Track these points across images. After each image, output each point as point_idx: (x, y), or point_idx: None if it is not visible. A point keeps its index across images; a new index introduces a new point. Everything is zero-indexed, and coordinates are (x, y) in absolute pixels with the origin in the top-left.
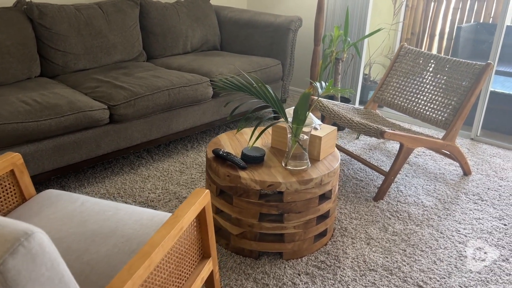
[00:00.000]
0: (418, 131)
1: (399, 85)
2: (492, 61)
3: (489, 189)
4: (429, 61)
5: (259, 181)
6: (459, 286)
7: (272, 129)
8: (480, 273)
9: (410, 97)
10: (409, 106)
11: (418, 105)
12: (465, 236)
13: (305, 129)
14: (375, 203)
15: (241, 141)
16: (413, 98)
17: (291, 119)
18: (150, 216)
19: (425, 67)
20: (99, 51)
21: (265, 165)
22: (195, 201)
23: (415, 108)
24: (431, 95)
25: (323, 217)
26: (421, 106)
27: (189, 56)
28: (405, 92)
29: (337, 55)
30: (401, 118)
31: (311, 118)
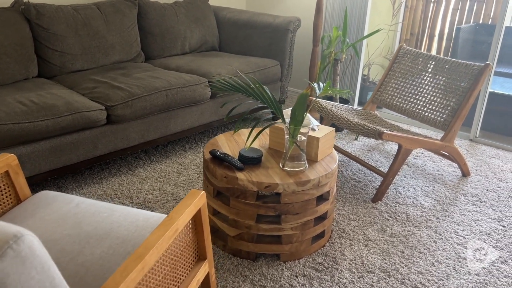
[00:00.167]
0: (416, 132)
1: (397, 86)
2: (491, 62)
3: (488, 190)
4: (427, 62)
5: (256, 182)
6: None
7: (269, 130)
8: (478, 275)
9: (408, 98)
10: (408, 107)
11: (416, 106)
12: (464, 237)
13: (302, 130)
14: (373, 205)
15: (238, 142)
16: (412, 99)
17: (288, 120)
18: (145, 217)
19: (424, 68)
20: (97, 51)
21: (263, 166)
22: (190, 203)
23: (414, 109)
24: (429, 96)
25: (320, 219)
26: (419, 107)
27: (188, 56)
28: (404, 93)
29: (336, 56)
30: (400, 119)
31: (309, 119)
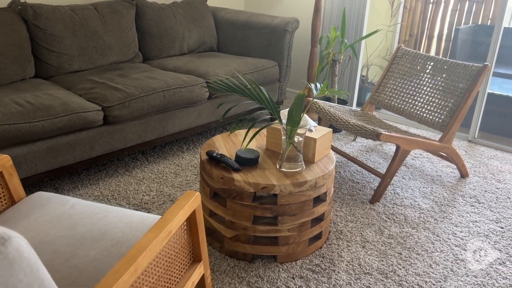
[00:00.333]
0: (415, 133)
1: (396, 87)
2: (489, 62)
3: (486, 191)
4: (426, 62)
5: (252, 184)
6: None
7: (267, 131)
8: (476, 277)
9: (407, 99)
10: (406, 108)
11: (415, 107)
12: (462, 239)
13: (299, 131)
14: (371, 206)
15: (235, 143)
16: (410, 100)
17: (285, 121)
18: (140, 219)
19: (422, 69)
20: (94, 52)
21: (259, 167)
22: (185, 204)
23: (412, 110)
24: (428, 97)
25: (318, 220)
26: (418, 108)
27: (186, 57)
28: (402, 93)
29: (334, 57)
30: (398, 120)
31: (306, 119)
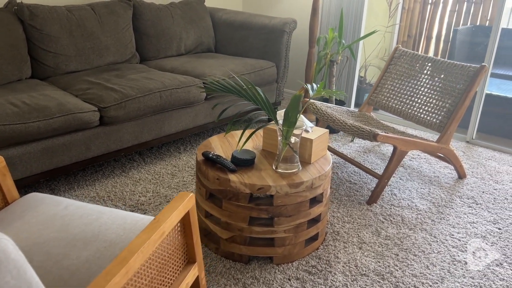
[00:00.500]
0: (412, 134)
1: (393, 88)
2: (487, 63)
3: (484, 192)
4: (423, 63)
5: (248, 184)
6: None
7: (263, 132)
8: (473, 278)
9: (404, 100)
10: (404, 108)
11: (412, 107)
12: (459, 240)
13: (295, 131)
14: (368, 207)
15: (232, 143)
16: (408, 100)
17: (281, 122)
18: (134, 220)
19: (420, 70)
20: (91, 52)
21: (256, 168)
22: (178, 205)
23: (410, 110)
24: (425, 98)
25: (314, 221)
26: (415, 108)
27: (183, 58)
28: (400, 94)
29: (332, 58)
30: (396, 121)
31: (302, 120)
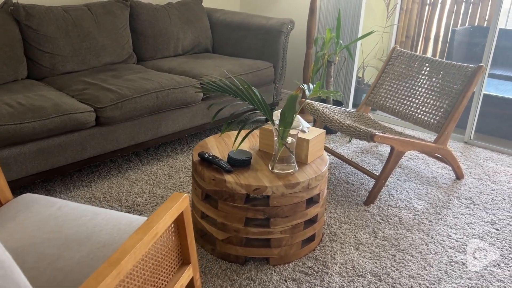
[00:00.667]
0: (410, 134)
1: (391, 88)
2: (485, 63)
3: (481, 193)
4: (421, 63)
5: (244, 185)
6: None
7: (259, 132)
8: (470, 279)
9: (402, 100)
10: (401, 109)
11: (410, 108)
12: (456, 241)
13: (292, 131)
14: (365, 207)
15: (228, 144)
16: (405, 101)
17: (278, 122)
18: (128, 221)
19: (417, 70)
20: (88, 53)
21: (252, 168)
22: (172, 206)
23: (407, 111)
24: (423, 98)
25: (311, 222)
26: (413, 109)
27: (180, 58)
28: (397, 95)
29: (329, 58)
30: (394, 121)
31: (299, 120)
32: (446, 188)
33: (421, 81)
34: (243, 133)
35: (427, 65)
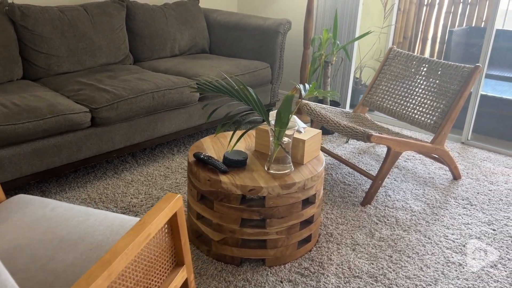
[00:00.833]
0: (407, 135)
1: (388, 88)
2: (482, 64)
3: (478, 193)
4: (417, 64)
5: (240, 186)
6: None
7: (255, 132)
8: (467, 280)
9: (399, 100)
10: (398, 109)
11: (407, 108)
12: (453, 241)
13: (288, 132)
14: (362, 208)
15: (224, 144)
16: (402, 101)
17: (273, 122)
18: (122, 222)
19: (414, 70)
20: (84, 53)
21: (248, 169)
22: (165, 206)
23: (404, 111)
24: (420, 98)
25: (307, 223)
26: (409, 109)
27: (177, 59)
28: (394, 95)
29: (326, 58)
30: (392, 122)
31: (295, 120)
32: (443, 188)
33: (418, 81)
34: (238, 133)
35: (424, 65)
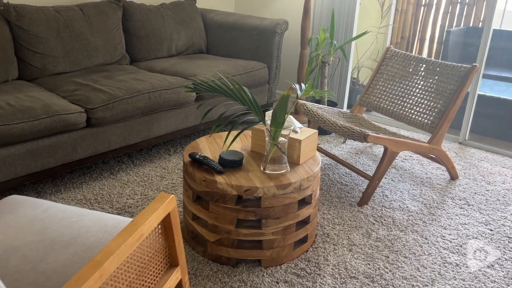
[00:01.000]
0: (404, 135)
1: (385, 88)
2: (479, 64)
3: (476, 193)
4: (414, 63)
5: (235, 186)
6: None
7: (252, 133)
8: (464, 280)
9: (396, 100)
10: (395, 109)
11: (404, 108)
12: (450, 242)
13: (283, 132)
14: (359, 208)
15: (220, 144)
16: (399, 101)
17: (269, 122)
18: (115, 222)
19: (411, 70)
20: (80, 54)
21: (243, 169)
22: (158, 207)
23: (401, 111)
24: (417, 98)
25: (303, 223)
26: (407, 109)
27: (174, 59)
28: (391, 95)
29: (324, 59)
30: (389, 122)
31: (291, 120)
32: (440, 188)
33: (415, 81)
34: (234, 133)
35: (421, 65)
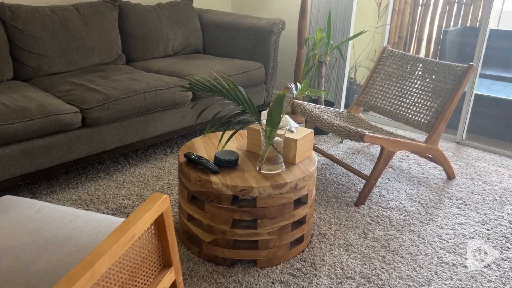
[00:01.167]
0: (401, 135)
1: (382, 88)
2: (476, 63)
3: (473, 193)
4: (411, 63)
5: (231, 186)
6: None
7: (247, 132)
8: (461, 280)
9: (392, 100)
10: (392, 109)
11: (401, 108)
12: (447, 241)
13: (279, 131)
14: (355, 208)
15: (215, 144)
16: (396, 101)
17: (265, 121)
18: (109, 223)
19: (408, 70)
20: (75, 54)
21: (239, 169)
22: (151, 207)
23: (398, 111)
24: (414, 98)
25: (299, 223)
26: (403, 109)
27: (170, 59)
28: (388, 95)
29: (320, 58)
30: (386, 122)
31: (286, 120)
32: (437, 188)
33: (412, 81)
34: (229, 133)
35: (418, 65)
